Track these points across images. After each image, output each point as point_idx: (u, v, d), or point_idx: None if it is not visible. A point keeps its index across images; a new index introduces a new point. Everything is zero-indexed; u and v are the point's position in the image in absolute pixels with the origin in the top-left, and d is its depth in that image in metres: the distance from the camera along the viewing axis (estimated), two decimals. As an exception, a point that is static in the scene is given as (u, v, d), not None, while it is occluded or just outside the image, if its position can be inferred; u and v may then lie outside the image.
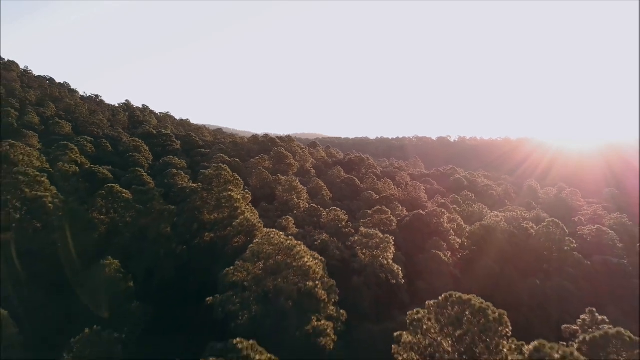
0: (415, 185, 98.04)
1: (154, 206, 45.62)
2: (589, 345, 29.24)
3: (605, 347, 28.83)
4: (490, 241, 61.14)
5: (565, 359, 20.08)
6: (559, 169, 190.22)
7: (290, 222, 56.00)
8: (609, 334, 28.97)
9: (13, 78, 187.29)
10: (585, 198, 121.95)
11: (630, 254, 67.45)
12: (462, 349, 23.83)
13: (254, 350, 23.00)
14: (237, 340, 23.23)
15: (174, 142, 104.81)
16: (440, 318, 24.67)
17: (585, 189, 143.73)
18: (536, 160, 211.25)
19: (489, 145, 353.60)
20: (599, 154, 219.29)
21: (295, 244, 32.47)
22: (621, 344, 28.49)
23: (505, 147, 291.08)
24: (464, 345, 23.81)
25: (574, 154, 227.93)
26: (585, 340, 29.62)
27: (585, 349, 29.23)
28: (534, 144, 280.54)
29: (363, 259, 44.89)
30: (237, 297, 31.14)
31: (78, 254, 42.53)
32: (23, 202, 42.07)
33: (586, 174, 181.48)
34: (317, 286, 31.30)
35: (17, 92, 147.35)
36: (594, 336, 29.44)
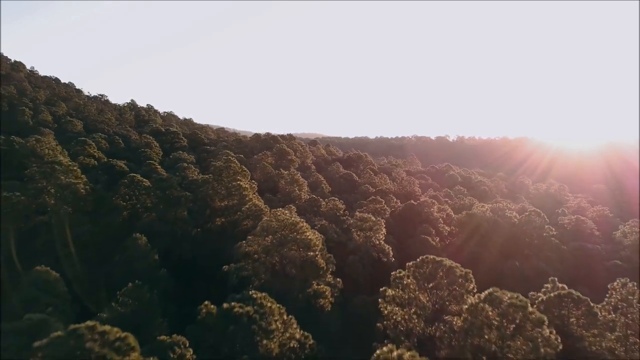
0: (410, 180, 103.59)
1: (172, 193, 51.17)
2: (545, 304, 34.78)
3: (559, 304, 34.37)
4: (476, 228, 66.70)
5: (512, 301, 25.55)
6: (559, 169, 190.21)
7: (292, 211, 61.47)
8: (562, 294, 34.51)
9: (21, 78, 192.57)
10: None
11: (607, 241, 72.98)
12: (434, 299, 29.39)
13: (265, 299, 28.48)
14: (253, 292, 28.76)
15: (182, 140, 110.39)
16: (418, 275, 30.19)
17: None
18: (536, 160, 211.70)
19: (487, 145, 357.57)
20: (599, 154, 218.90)
21: (299, 220, 38.08)
22: (571, 302, 34.04)
23: (505, 147, 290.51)
24: (436, 296, 29.38)
25: (573, 153, 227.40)
26: (543, 300, 35.17)
27: (543, 307, 34.75)
28: (533, 143, 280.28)
29: (357, 240, 50.47)
30: (249, 265, 36.68)
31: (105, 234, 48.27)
32: (57, 188, 47.59)
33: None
34: (317, 256, 36.87)
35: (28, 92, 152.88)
36: (549, 296, 34.99)
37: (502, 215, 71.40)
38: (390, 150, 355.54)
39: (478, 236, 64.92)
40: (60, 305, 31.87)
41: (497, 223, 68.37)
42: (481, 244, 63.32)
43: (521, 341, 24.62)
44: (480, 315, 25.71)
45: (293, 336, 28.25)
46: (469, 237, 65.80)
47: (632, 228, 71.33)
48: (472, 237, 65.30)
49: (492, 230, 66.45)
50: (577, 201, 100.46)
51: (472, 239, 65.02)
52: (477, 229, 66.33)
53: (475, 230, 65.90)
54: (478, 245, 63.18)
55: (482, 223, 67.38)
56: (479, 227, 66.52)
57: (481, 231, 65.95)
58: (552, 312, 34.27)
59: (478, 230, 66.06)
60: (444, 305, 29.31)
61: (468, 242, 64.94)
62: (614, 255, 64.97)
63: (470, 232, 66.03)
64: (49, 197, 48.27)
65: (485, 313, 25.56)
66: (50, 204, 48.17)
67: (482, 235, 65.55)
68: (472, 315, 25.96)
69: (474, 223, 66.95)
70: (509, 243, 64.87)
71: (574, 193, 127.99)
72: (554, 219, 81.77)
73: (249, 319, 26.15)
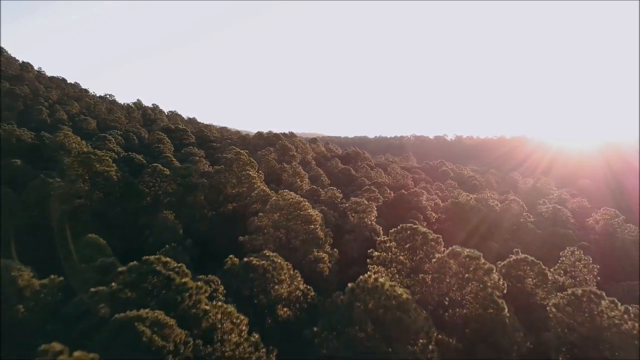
0: (404, 174, 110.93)
1: (191, 180, 58.44)
2: (506, 267, 42.03)
3: (516, 267, 41.63)
4: (460, 215, 73.97)
5: (468, 254, 32.79)
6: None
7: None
8: (519, 258, 41.83)
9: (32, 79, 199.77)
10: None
11: (581, 228, 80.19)
12: (411, 257, 36.65)
13: (276, 257, 35.71)
14: (266, 251, 36.05)
15: (190, 137, 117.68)
16: (398, 239, 37.46)
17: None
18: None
19: (485, 144, 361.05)
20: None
21: (302, 199, 45.37)
22: (527, 264, 41.29)
23: (504, 147, 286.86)
24: (412, 255, 36.64)
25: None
26: (504, 265, 42.43)
27: (504, 270, 41.97)
28: (533, 143, 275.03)
29: (352, 221, 57.76)
30: (260, 237, 43.96)
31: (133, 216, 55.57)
32: (92, 175, 54.86)
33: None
34: (317, 229, 44.16)
35: (41, 92, 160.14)
36: (509, 260, 42.32)
37: (485, 204, 78.65)
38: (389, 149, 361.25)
39: (462, 222, 72.17)
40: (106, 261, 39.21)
41: (480, 210, 75.64)
42: (464, 228, 70.47)
43: (474, 284, 31.88)
44: (444, 267, 32.98)
45: (298, 287, 35.49)
46: (453, 223, 73.03)
47: (603, 215, 78.56)
48: (456, 222, 72.54)
49: (475, 217, 73.70)
50: (558, 193, 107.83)
51: (457, 224, 72.21)
52: (461, 215, 73.61)
53: (460, 217, 73.18)
54: (461, 230, 70.33)
55: (467, 210, 74.66)
56: (463, 214, 73.80)
57: (465, 217, 73.24)
58: (510, 274, 41.62)
59: (462, 216, 73.35)
60: (419, 263, 36.57)
61: (453, 227, 72.10)
62: (584, 238, 72.13)
63: (455, 218, 73.31)
64: (84, 184, 55.60)
65: (447, 264, 32.84)
66: (85, 189, 55.51)
67: (465, 221, 72.80)
68: (439, 266, 33.23)
69: (458, 210, 74.21)
70: (489, 228, 72.04)
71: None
72: (536, 208, 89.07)
73: (264, 270, 33.41)
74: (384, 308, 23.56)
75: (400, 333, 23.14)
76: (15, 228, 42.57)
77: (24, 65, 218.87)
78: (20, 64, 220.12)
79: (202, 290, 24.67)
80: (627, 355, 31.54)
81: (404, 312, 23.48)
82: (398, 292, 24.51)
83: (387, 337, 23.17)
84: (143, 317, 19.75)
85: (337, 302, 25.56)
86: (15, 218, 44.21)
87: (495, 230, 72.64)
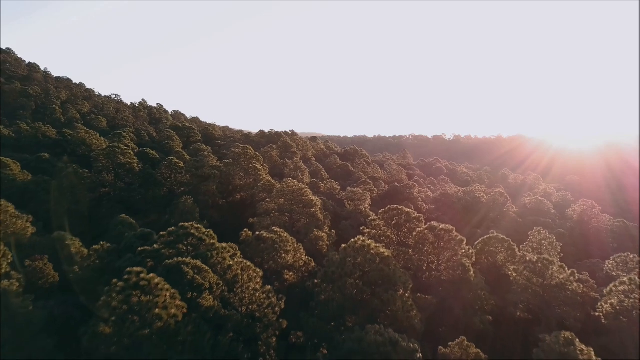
0: (399, 169, 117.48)
1: (204, 171, 65.00)
2: (481, 243, 48.54)
3: (489, 243, 48.14)
4: (448, 205, 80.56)
5: (443, 227, 39.26)
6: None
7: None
8: (491, 236, 48.40)
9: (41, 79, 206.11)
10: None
11: (561, 218, 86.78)
12: (396, 232, 43.17)
13: (282, 232, 42.19)
14: (274, 227, 42.59)
15: (197, 134, 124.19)
16: (386, 217, 43.98)
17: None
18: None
19: (483, 143, 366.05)
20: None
21: (304, 186, 51.89)
22: (497, 242, 47.80)
23: (503, 147, 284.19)
24: (397, 231, 43.16)
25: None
26: (479, 242, 48.94)
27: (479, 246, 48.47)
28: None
29: (349, 208, 64.31)
30: (268, 219, 50.47)
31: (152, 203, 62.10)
32: (117, 166, 61.41)
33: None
34: (317, 212, 50.70)
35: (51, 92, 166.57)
36: (483, 239, 48.86)
37: (472, 195, 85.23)
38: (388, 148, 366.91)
39: (450, 211, 78.78)
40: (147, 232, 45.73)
41: (467, 201, 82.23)
42: (451, 217, 77.02)
43: (447, 252, 38.44)
44: (423, 239, 39.53)
45: (301, 257, 42.05)
46: (442, 212, 79.57)
47: (581, 207, 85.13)
48: (444, 212, 79.11)
49: (462, 207, 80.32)
50: (544, 187, 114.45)
51: (445, 213, 78.79)
52: (449, 205, 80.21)
53: (448, 206, 79.76)
54: (449, 218, 76.81)
55: (454, 201, 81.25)
56: (451, 204, 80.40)
57: (452, 207, 79.84)
58: (484, 250, 48.21)
59: (450, 206, 79.95)
60: (404, 237, 43.12)
61: (441, 216, 78.64)
62: (561, 226, 78.74)
63: (444, 208, 79.89)
64: (108, 174, 62.17)
65: (426, 236, 39.39)
66: (110, 179, 62.09)
67: (453, 210, 79.43)
68: (419, 238, 39.79)
69: (446, 201, 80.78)
70: (475, 216, 78.62)
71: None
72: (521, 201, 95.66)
73: (273, 241, 39.95)
74: (369, 261, 30.11)
75: (382, 280, 29.68)
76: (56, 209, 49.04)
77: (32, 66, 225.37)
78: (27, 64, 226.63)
79: (226, 250, 31.23)
80: (573, 310, 38.24)
81: (385, 265, 30.04)
82: (380, 251, 31.09)
83: (371, 284, 29.71)
84: (187, 262, 26.27)
85: (333, 259, 32.07)
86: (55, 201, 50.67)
87: (479, 219, 79.19)
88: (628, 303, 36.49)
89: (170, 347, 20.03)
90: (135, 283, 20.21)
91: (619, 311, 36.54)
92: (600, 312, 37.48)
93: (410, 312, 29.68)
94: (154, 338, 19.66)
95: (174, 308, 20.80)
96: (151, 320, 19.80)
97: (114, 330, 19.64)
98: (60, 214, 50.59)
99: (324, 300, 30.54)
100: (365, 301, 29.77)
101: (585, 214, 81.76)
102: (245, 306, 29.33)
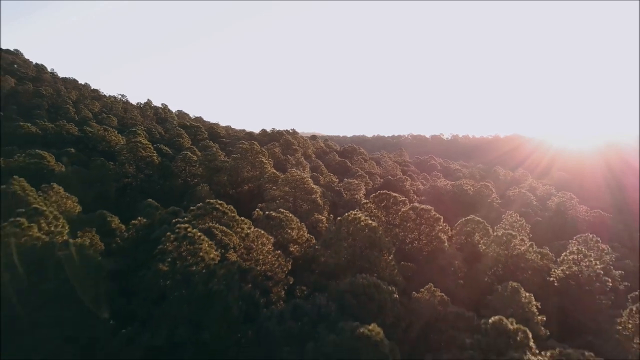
0: (394, 165, 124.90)
1: (216, 164, 72.33)
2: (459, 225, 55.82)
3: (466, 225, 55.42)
4: (437, 197, 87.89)
5: (423, 207, 46.57)
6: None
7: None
8: (468, 218, 55.73)
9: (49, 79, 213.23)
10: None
11: (543, 209, 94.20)
12: (385, 213, 50.49)
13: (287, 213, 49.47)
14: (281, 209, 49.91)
15: (203, 132, 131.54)
16: (376, 201, 51.29)
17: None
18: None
19: (482, 143, 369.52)
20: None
21: (305, 176, 59.20)
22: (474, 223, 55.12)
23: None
24: (386, 212, 50.48)
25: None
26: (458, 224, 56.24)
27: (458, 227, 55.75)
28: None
29: (345, 197, 71.65)
30: (274, 204, 57.79)
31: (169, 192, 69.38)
32: (136, 160, 68.69)
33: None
34: (317, 198, 58.04)
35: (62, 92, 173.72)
36: (461, 220, 56.17)
37: (459, 188, 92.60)
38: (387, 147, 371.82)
39: (438, 202, 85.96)
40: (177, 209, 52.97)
41: (455, 193, 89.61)
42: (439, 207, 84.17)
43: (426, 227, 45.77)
44: (406, 217, 46.87)
45: (303, 234, 49.29)
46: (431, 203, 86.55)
47: (560, 198, 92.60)
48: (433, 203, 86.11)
49: (449, 198, 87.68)
50: (529, 182, 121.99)
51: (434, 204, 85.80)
52: (438, 197, 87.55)
53: (437, 198, 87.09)
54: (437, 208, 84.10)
55: (442, 193, 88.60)
56: (440, 196, 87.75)
57: (441, 199, 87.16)
58: (463, 230, 55.55)
59: (439, 198, 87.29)
60: (391, 218, 50.45)
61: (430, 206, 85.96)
62: (540, 215, 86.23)
63: (433, 200, 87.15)
64: (130, 167, 69.48)
65: (409, 215, 46.73)
66: (131, 171, 69.40)
67: (441, 202, 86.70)
68: (403, 216, 47.13)
69: (436, 193, 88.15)
70: (461, 207, 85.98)
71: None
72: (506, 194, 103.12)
73: (280, 219, 47.23)
74: (359, 230, 37.44)
75: (369, 245, 37.02)
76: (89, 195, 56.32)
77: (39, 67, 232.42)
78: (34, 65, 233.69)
79: (244, 222, 38.58)
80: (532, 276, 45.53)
81: (372, 233, 37.38)
82: (369, 222, 38.42)
83: (361, 247, 37.05)
84: (216, 227, 33.58)
85: (331, 229, 39.37)
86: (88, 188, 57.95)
87: (465, 209, 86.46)
88: (576, 269, 43.97)
89: (212, 278, 27.24)
90: (184, 235, 27.48)
91: (568, 276, 44.00)
92: (554, 277, 44.92)
93: (393, 271, 37.03)
94: (199, 274, 26.91)
95: (212, 253, 28.07)
96: (197, 260, 27.07)
97: (170, 268, 26.89)
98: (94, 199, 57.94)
99: (323, 262, 37.87)
100: (356, 261, 37.10)
101: (563, 205, 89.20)
102: (260, 266, 36.66)
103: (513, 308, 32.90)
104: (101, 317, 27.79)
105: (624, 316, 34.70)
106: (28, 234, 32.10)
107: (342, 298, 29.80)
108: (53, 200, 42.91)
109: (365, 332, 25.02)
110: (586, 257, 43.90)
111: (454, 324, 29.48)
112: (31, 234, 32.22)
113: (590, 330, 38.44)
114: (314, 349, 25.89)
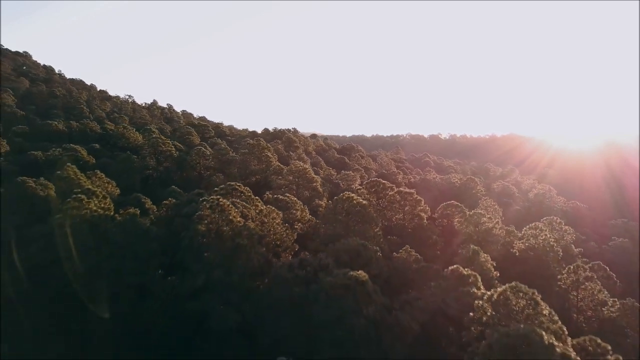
0: (389, 161, 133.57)
1: (227, 157, 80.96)
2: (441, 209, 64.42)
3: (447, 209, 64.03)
4: (427, 189, 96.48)
5: (407, 191, 55.11)
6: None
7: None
8: (448, 203, 64.33)
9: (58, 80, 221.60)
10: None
11: (524, 200, 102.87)
12: (376, 198, 59.06)
13: (293, 197, 58.09)
14: (286, 194, 58.51)
15: (210, 131, 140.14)
16: (368, 187, 59.85)
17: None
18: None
19: (480, 143, 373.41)
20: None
21: (307, 167, 67.84)
22: (454, 207, 63.71)
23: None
24: (377, 197, 59.06)
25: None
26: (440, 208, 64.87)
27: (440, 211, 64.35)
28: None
29: (342, 187, 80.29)
30: (280, 191, 66.42)
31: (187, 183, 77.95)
32: (157, 153, 77.28)
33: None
34: (317, 185, 66.69)
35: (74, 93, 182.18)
36: (442, 205, 64.80)
37: (447, 181, 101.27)
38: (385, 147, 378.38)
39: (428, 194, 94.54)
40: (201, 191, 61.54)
41: (443, 185, 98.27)
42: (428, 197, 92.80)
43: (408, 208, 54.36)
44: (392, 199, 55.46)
45: (306, 215, 57.92)
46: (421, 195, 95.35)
47: (540, 190, 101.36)
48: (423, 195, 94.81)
49: (437, 190, 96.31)
50: (514, 176, 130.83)
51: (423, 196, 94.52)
52: (427, 189, 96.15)
53: (426, 190, 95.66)
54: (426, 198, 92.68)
55: (431, 185, 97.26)
56: (429, 188, 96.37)
57: (430, 191, 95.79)
58: (443, 214, 64.18)
59: (428, 190, 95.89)
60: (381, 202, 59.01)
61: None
62: (520, 204, 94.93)
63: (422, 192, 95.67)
64: (150, 159, 78.09)
65: (395, 197, 55.31)
66: (152, 164, 78.01)
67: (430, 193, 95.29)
68: (389, 199, 55.72)
69: (425, 185, 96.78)
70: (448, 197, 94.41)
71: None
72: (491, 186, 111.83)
73: (286, 202, 55.86)
74: (352, 207, 46.05)
75: (360, 219, 45.61)
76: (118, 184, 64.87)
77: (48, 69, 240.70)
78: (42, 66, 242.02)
79: (258, 200, 47.19)
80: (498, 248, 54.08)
81: (362, 209, 45.99)
82: (360, 200, 47.03)
83: (354, 221, 45.64)
84: (235, 203, 42.18)
85: (329, 207, 47.97)
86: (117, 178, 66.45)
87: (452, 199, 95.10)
88: (534, 242, 52.62)
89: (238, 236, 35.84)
90: (217, 203, 36.12)
91: (528, 247, 52.63)
92: (516, 249, 53.55)
93: (379, 239, 45.66)
94: (228, 232, 35.52)
95: (237, 218, 36.70)
96: (226, 222, 35.68)
97: (206, 229, 35.49)
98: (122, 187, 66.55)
99: (322, 233, 46.50)
100: (349, 232, 45.71)
101: (542, 196, 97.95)
102: (272, 235, 45.30)
103: (474, 265, 41.42)
104: (151, 267, 36.41)
105: (564, 273, 43.43)
106: (88, 207, 40.81)
107: (338, 254, 38.43)
108: (97, 184, 51.46)
109: (354, 275, 33.69)
110: (542, 231, 52.52)
111: (424, 275, 38.09)
112: (90, 207, 40.94)
113: (539, 287, 46.90)
114: (316, 288, 34.54)
